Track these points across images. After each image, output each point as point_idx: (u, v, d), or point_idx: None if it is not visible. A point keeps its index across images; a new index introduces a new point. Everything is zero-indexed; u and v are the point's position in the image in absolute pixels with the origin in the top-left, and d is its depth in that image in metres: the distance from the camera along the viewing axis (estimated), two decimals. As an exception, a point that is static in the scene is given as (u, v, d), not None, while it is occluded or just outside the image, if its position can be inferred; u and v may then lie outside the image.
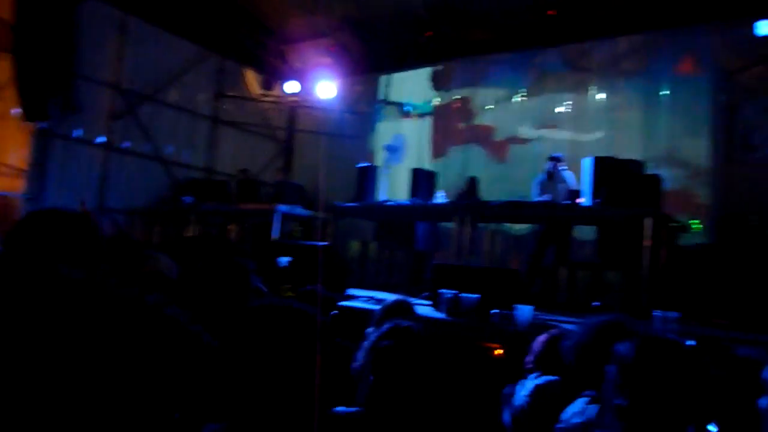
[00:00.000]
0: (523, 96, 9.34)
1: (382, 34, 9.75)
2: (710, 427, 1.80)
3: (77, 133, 8.28)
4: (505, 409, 2.36)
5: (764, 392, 1.69)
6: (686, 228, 6.72)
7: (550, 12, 7.97)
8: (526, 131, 9.22)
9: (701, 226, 7.39)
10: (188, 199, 8.42)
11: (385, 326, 1.83)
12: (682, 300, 5.52)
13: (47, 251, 1.57)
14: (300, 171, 11.30)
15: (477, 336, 3.34)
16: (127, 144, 8.94)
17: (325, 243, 5.89)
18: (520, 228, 8.49)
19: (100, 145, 8.60)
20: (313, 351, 1.47)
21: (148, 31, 8.98)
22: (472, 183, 7.96)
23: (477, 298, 3.57)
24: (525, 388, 2.25)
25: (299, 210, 8.12)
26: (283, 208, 7.74)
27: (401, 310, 2.81)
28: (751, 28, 6.74)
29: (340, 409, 1.71)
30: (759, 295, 5.42)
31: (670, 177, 7.26)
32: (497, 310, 3.57)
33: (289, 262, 4.76)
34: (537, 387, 2.19)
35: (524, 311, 3.41)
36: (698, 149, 7.75)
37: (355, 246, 7.81)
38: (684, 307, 4.86)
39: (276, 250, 5.24)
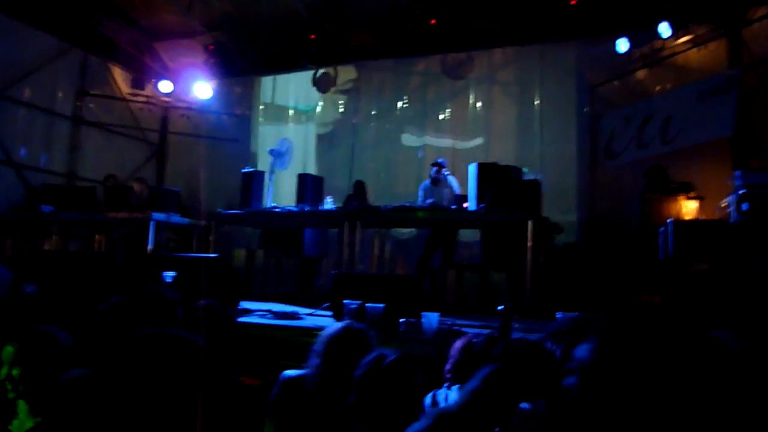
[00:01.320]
0: (405, 103, 9.52)
1: (263, 35, 9.45)
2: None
3: None
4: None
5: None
6: (559, 229, 7.19)
7: (432, 21, 8.17)
8: (408, 138, 9.40)
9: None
10: (47, 207, 7.57)
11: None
12: (559, 296, 5.89)
13: None
14: (173, 176, 10.65)
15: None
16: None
17: (214, 255, 5.54)
18: (405, 232, 8.63)
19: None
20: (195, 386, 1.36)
21: (0, 21, 7.96)
22: (360, 187, 7.94)
23: (382, 307, 3.51)
24: (450, 395, 2.21)
25: (176, 218, 7.61)
26: (158, 216, 7.21)
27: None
28: (612, 45, 7.37)
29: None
30: (626, 288, 5.91)
31: (542, 181, 7.77)
32: (403, 319, 3.54)
33: (174, 277, 4.39)
34: None
35: (431, 318, 3.41)
36: (567, 155, 8.34)
37: (239, 255, 7.46)
38: (563, 302, 5.19)
39: (156, 263, 4.83)
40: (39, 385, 1.85)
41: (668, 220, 5.63)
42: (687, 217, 6.40)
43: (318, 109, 10.11)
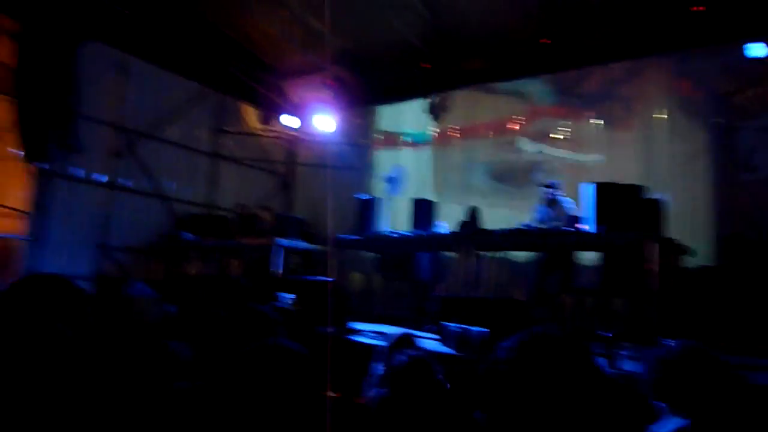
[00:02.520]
0: (519, 125, 9.41)
1: (379, 67, 9.85)
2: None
3: (79, 172, 8.30)
4: None
5: None
6: (689, 251, 6.68)
7: (542, 40, 8.06)
8: (525, 150, 9.29)
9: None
10: (188, 235, 8.41)
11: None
12: (689, 324, 5.48)
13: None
14: (299, 204, 11.31)
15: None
16: (128, 182, 8.96)
17: (326, 278, 5.85)
18: (522, 256, 8.45)
19: (102, 183, 8.61)
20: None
21: (148, 69, 9.08)
22: (473, 213, 7.94)
23: (485, 332, 3.52)
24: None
25: (300, 243, 8.09)
26: (283, 241, 7.72)
27: (405, 343, 2.76)
28: (745, 50, 6.81)
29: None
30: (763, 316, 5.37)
31: (670, 200, 7.29)
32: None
33: (292, 299, 4.72)
34: None
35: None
36: (699, 171, 7.77)
37: (357, 278, 7.76)
38: (692, 331, 4.82)
39: (277, 285, 5.20)
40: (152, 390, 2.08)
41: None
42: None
43: (432, 133, 10.28)
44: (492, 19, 8.27)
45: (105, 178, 8.65)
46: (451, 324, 3.74)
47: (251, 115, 11.08)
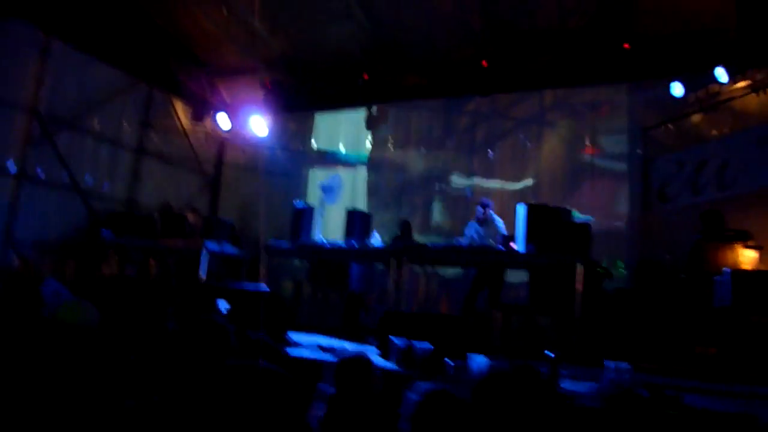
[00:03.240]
0: (454, 142, 9.62)
1: (317, 73, 9.76)
2: None
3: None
4: None
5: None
6: (610, 273, 7.05)
7: (483, 62, 8.29)
8: (456, 178, 9.47)
9: (623, 270, 7.79)
10: (108, 233, 7.93)
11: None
12: (610, 344, 5.75)
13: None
14: (226, 207, 10.98)
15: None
16: (41, 172, 8.33)
17: (267, 289, 5.68)
18: (451, 271, 8.62)
19: (11, 173, 7.95)
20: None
21: (73, 55, 8.49)
22: (406, 226, 8.02)
23: (430, 348, 3.53)
24: None
25: (228, 248, 7.84)
26: (212, 245, 7.45)
27: (359, 366, 2.66)
28: (667, 88, 7.31)
29: None
30: (679, 337, 5.73)
31: (592, 224, 7.69)
32: (450, 361, 3.55)
33: (228, 310, 4.53)
34: None
35: (479, 361, 3.41)
36: (618, 198, 8.24)
37: (288, 286, 7.61)
38: (611, 350, 5.07)
39: (212, 293, 4.99)
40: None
41: (725, 269, 5.48)
42: (744, 267, 6.19)
43: (368, 145, 10.31)
44: (434, 37, 8.42)
45: (14, 167, 7.99)
46: (395, 338, 3.73)
47: (181, 112, 10.64)
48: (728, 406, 3.08)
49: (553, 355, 3.13)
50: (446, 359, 3.55)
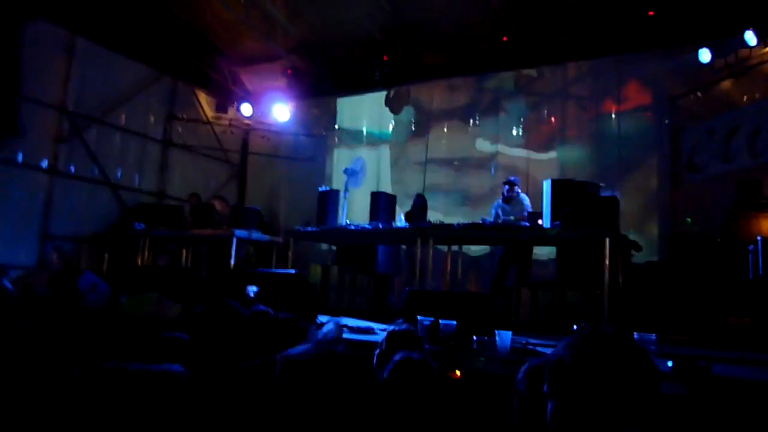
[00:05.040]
0: (477, 120, 9.53)
1: (338, 58, 9.78)
2: None
3: (18, 157, 7.86)
4: None
5: None
6: (639, 246, 6.94)
7: (503, 38, 8.18)
8: (480, 155, 9.39)
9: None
10: (139, 225, 8.12)
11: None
12: (640, 317, 5.70)
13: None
14: (253, 194, 11.12)
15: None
16: (72, 168, 8.55)
17: (292, 271, 5.76)
18: (478, 249, 8.60)
19: (44, 169, 8.19)
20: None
21: (97, 52, 8.67)
22: (421, 201, 8.01)
23: (456, 325, 3.56)
24: None
25: (256, 234, 7.94)
26: (240, 233, 7.56)
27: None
28: (694, 55, 7.11)
29: None
30: (712, 309, 5.63)
31: (621, 197, 7.57)
32: (475, 337, 3.56)
33: (256, 292, 4.62)
34: None
35: (504, 337, 3.42)
36: (646, 170, 8.08)
37: (316, 271, 7.70)
38: (643, 324, 5.02)
39: (240, 278, 5.09)
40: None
41: (759, 238, 5.35)
42: (779, 235, 6.02)
43: (391, 127, 10.28)
44: (453, 15, 8.32)
45: (46, 164, 8.23)
46: (421, 317, 3.76)
47: (205, 103, 10.78)
48: (760, 375, 3.04)
49: (576, 328, 3.11)
50: (472, 336, 3.57)
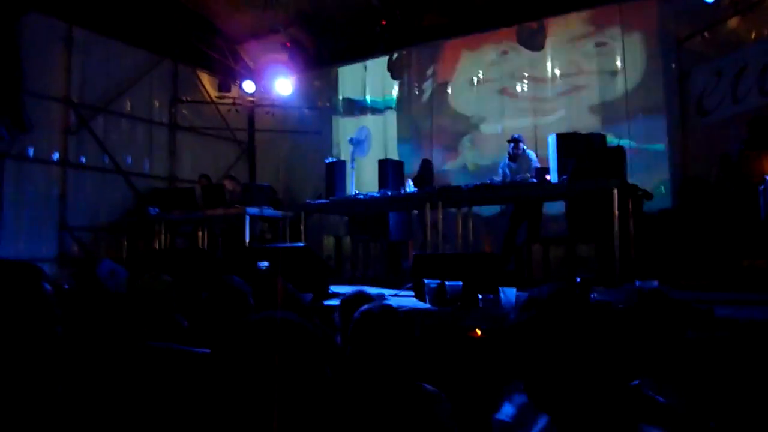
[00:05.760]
0: (481, 79, 9.40)
1: (336, 27, 9.68)
2: None
3: (29, 151, 7.99)
4: None
5: None
6: (649, 195, 6.88)
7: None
8: (486, 116, 9.29)
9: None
10: (154, 209, 8.25)
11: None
12: (654, 266, 5.70)
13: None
14: (262, 171, 11.18)
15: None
16: (83, 158, 8.67)
17: (300, 244, 5.83)
18: (489, 210, 8.59)
19: (55, 162, 8.32)
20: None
21: (96, 40, 8.70)
22: (427, 165, 8.02)
23: (461, 285, 3.60)
24: None
25: (268, 211, 8.02)
26: (252, 210, 7.64)
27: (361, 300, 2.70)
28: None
29: None
30: (725, 252, 5.61)
31: (631, 146, 7.49)
32: (481, 296, 3.62)
33: (267, 267, 4.70)
34: None
35: (509, 293, 3.47)
36: (655, 117, 7.95)
37: (329, 242, 7.78)
38: (657, 272, 5.03)
39: (253, 255, 5.18)
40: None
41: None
42: (792, 173, 5.92)
43: (394, 93, 10.19)
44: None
45: (57, 157, 8.35)
46: (427, 280, 3.81)
47: (207, 83, 10.78)
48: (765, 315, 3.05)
49: (579, 280, 3.15)
50: (478, 294, 3.62)
